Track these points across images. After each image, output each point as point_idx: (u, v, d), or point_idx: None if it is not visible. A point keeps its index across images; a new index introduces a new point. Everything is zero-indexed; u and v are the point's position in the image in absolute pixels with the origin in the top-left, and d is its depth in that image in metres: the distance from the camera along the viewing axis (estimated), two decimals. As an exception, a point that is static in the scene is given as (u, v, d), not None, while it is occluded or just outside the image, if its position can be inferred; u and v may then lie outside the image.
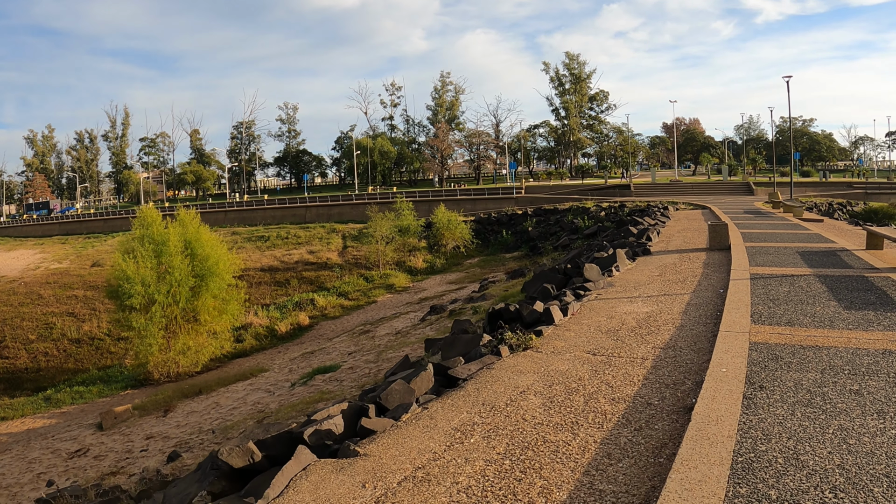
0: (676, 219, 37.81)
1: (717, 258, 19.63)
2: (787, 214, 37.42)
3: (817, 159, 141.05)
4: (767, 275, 15.25)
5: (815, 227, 28.34)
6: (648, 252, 22.00)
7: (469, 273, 50.09)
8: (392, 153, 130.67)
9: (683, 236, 27.15)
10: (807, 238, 23.54)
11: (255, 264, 66.12)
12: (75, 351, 45.26)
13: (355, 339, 30.53)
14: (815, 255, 18.71)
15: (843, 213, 53.44)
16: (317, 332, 38.41)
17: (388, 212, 62.52)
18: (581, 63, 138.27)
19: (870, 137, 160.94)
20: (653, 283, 16.01)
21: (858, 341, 9.44)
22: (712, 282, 15.55)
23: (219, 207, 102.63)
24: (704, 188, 79.04)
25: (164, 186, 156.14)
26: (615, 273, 17.91)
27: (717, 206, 47.09)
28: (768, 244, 21.62)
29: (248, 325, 40.35)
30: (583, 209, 58.01)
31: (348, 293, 47.90)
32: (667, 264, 18.99)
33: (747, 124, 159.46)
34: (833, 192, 73.12)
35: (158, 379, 31.34)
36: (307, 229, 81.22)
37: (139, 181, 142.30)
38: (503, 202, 77.66)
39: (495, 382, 9.01)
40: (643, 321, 11.98)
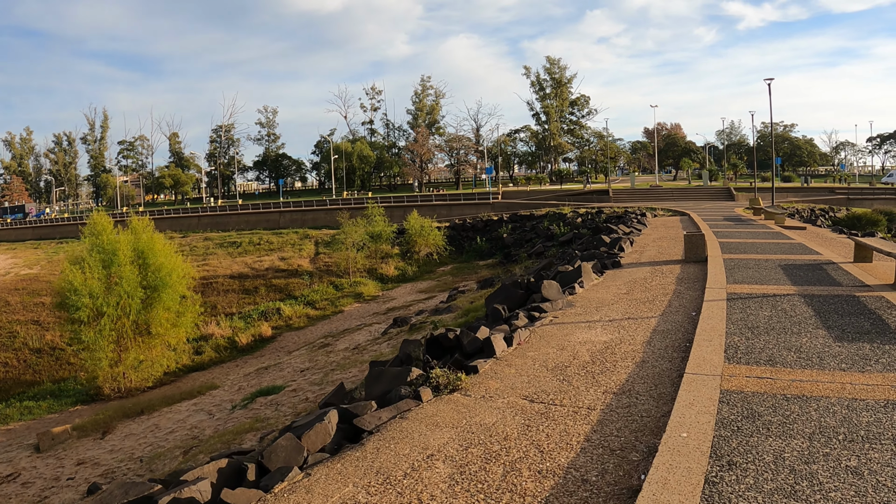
0: (653, 226, 36.12)
1: (693, 272, 17.85)
2: (769, 221, 35.81)
3: (798, 164, 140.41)
4: (746, 294, 13.46)
5: (797, 236, 26.67)
6: (619, 265, 20.22)
7: (441, 281, 48.37)
8: (371, 158, 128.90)
9: (658, 246, 25.40)
10: (789, 249, 21.81)
11: (226, 271, 64.14)
12: (35, 361, 43.21)
13: (313, 353, 28.92)
14: (800, 269, 16.95)
15: (826, 220, 51.94)
16: (279, 345, 36.68)
17: (360, 218, 60.86)
18: (562, 67, 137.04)
19: (851, 143, 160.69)
20: (618, 302, 14.20)
21: (854, 388, 7.62)
22: (685, 301, 13.75)
23: (192, 212, 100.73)
24: (685, 194, 77.54)
25: (142, 190, 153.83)
26: (578, 290, 16.10)
27: (697, 212, 45.48)
28: (748, 256, 19.87)
29: (210, 336, 38.57)
30: (559, 215, 56.27)
31: (316, 302, 46.25)
32: (637, 279, 17.19)
33: (729, 129, 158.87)
34: (815, 198, 71.78)
35: (109, 394, 29.65)
36: (280, 235, 79.50)
37: (114, 184, 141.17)
38: (479, 208, 75.93)
39: (402, 440, 7.21)
40: (599, 354, 10.15)
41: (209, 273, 62.30)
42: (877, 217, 49.83)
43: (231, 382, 27.09)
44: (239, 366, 32.51)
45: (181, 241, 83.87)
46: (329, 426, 8.17)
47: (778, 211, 37.13)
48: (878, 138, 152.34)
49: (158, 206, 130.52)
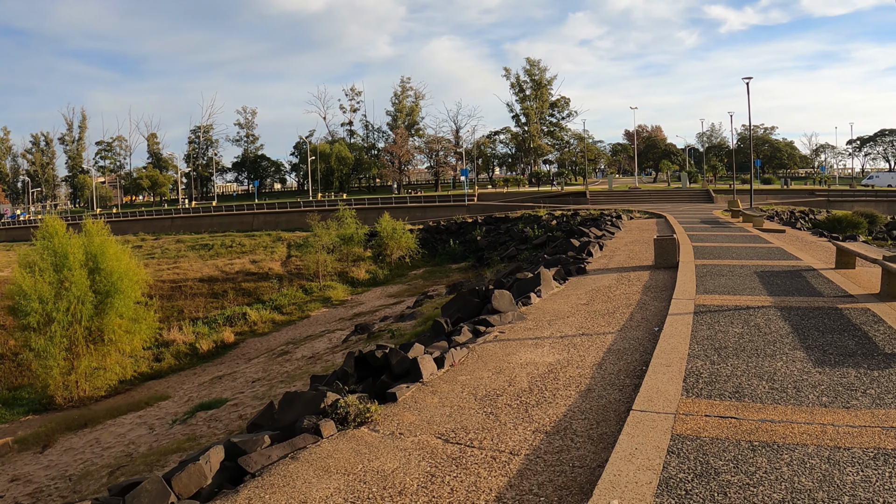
0: (627, 229, 34.77)
1: (661, 280, 16.41)
2: (747, 224, 34.53)
3: (779, 167, 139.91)
4: (717, 306, 12.00)
5: (776, 240, 25.32)
6: (584, 271, 18.77)
7: (411, 285, 47.03)
8: (349, 159, 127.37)
9: (629, 250, 23.98)
10: (767, 254, 20.41)
11: (196, 274, 62.56)
12: (-6, 368, 41.48)
13: (270, 362, 27.66)
14: (777, 276, 15.53)
15: (806, 222, 50.77)
16: (240, 352, 35.07)
17: (331, 220, 59.47)
18: (542, 69, 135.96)
19: (831, 145, 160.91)
20: (575, 315, 12.74)
21: (837, 432, 6.14)
22: (648, 314, 12.29)
23: (165, 214, 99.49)
24: (663, 196, 76.47)
25: (120, 191, 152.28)
26: (534, 300, 14.62)
27: (674, 215, 44.18)
28: (723, 262, 18.45)
29: (172, 343, 36.86)
30: (534, 218, 54.91)
31: (283, 307, 44.79)
32: (600, 288, 15.73)
33: (709, 132, 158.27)
34: (795, 200, 70.85)
35: (62, 404, 28.20)
36: (253, 237, 78.17)
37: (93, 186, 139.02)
38: (455, 210, 74.62)
39: (280, 489, 5.80)
40: (540, 379, 8.68)
41: (179, 276, 60.92)
42: (858, 219, 48.78)
43: (183, 393, 26.04)
44: (197, 374, 31.15)
45: (153, 244, 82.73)
46: (207, 467, 6.84)
47: (756, 213, 35.87)
48: (857, 141, 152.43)
49: (136, 208, 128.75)
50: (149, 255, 76.72)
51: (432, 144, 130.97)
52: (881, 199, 75.02)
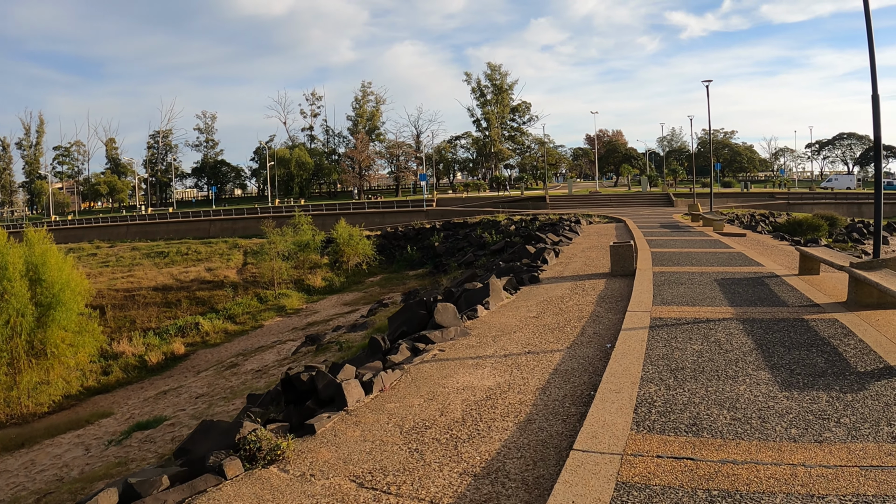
0: (586, 234, 34.03)
1: (618, 289, 15.54)
2: (707, 228, 33.95)
3: (738, 170, 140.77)
4: (675, 319, 11.12)
5: (737, 244, 24.64)
6: (537, 280, 17.85)
7: (367, 293, 46.02)
8: (309, 164, 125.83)
9: (586, 257, 23.14)
10: (728, 259, 19.66)
11: (150, 283, 60.86)
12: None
13: (217, 375, 26.73)
14: (739, 284, 14.72)
15: (767, 225, 50.49)
16: (191, 363, 33.94)
17: (286, 226, 58.36)
18: (503, 74, 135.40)
19: (790, 149, 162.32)
20: (523, 329, 11.79)
21: (808, 474, 5.23)
22: (601, 328, 11.39)
23: (121, 221, 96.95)
24: (623, 200, 76.12)
25: (78, 197, 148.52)
26: (481, 313, 13.65)
27: (634, 219, 43.59)
28: (682, 269, 17.63)
29: (121, 355, 35.65)
30: (493, 223, 54.13)
31: (237, 316, 43.58)
32: (552, 298, 14.81)
33: (670, 136, 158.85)
34: (755, 203, 70.90)
35: (4, 421, 26.85)
36: (209, 245, 76.47)
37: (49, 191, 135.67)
38: (413, 215, 73.57)
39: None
40: (476, 407, 7.70)
41: (133, 285, 59.38)
42: (818, 222, 48.52)
43: (127, 409, 25.06)
44: (144, 388, 30.07)
45: (108, 251, 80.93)
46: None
47: (717, 217, 35.32)
48: (816, 144, 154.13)
49: (94, 214, 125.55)
50: (103, 263, 74.97)
51: (393, 149, 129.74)
52: (840, 201, 75.40)
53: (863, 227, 55.02)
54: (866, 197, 77.45)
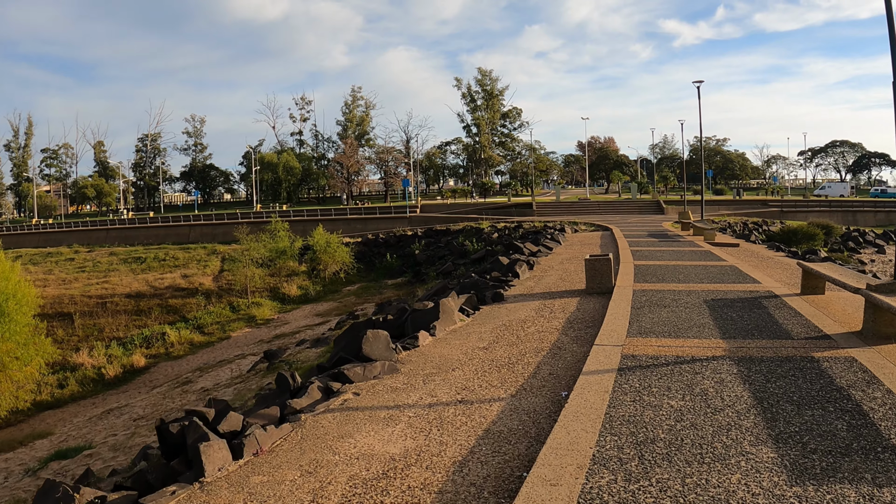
0: (568, 244, 31.83)
1: (591, 311, 13.31)
2: (698, 238, 31.77)
3: (731, 178, 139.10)
4: (651, 358, 8.83)
5: (730, 256, 22.44)
6: (501, 298, 15.60)
7: (343, 303, 44.09)
8: (297, 169, 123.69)
9: (563, 270, 20.90)
10: (720, 274, 17.40)
11: (125, 289, 58.92)
12: None
13: (167, 394, 24.95)
14: (732, 307, 12.46)
15: (760, 234, 48.34)
16: (149, 377, 32.04)
17: (263, 233, 56.32)
18: (493, 79, 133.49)
19: (782, 156, 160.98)
20: (466, 365, 9.55)
21: None
22: (560, 367, 9.15)
23: (101, 225, 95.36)
24: (612, 207, 74.07)
25: (66, 201, 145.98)
26: (424, 341, 11.42)
27: (621, 227, 41.42)
28: (667, 286, 15.38)
29: (80, 366, 33.68)
30: (476, 230, 51.96)
31: (206, 326, 41.80)
32: (513, 322, 12.58)
33: (661, 143, 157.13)
34: (748, 211, 68.89)
35: None
36: (188, 250, 74.70)
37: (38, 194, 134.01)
38: (396, 222, 71.50)
39: None
40: (363, 491, 5.48)
41: (107, 291, 57.80)
42: (813, 231, 46.66)
43: (67, 430, 23.44)
44: (95, 404, 28.23)
45: (86, 256, 79.52)
46: None
47: (708, 226, 33.12)
48: (809, 152, 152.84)
49: (80, 218, 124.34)
50: (80, 268, 73.59)
51: (383, 155, 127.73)
52: (835, 209, 73.47)
53: (858, 236, 53.04)
54: (860, 205, 75.59)
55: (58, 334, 41.22)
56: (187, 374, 28.82)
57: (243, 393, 19.54)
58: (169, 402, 23.06)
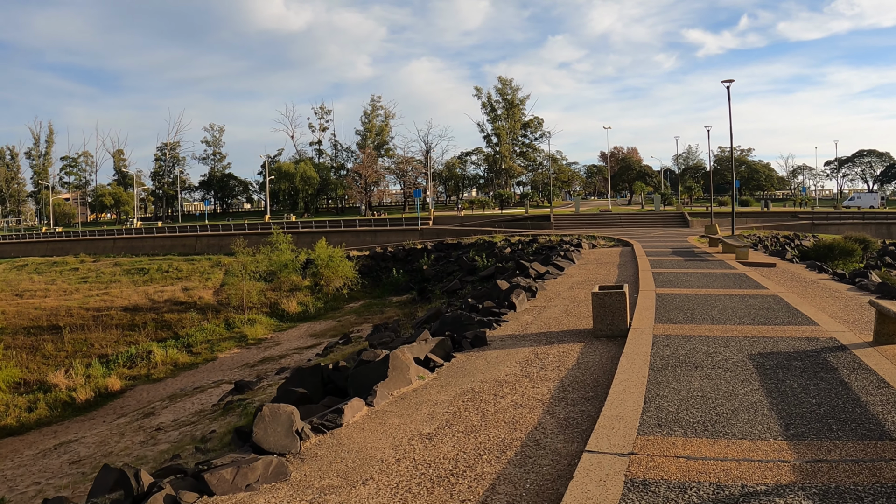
0: (583, 262, 28.40)
1: (595, 367, 9.88)
2: (728, 256, 28.24)
3: (756, 188, 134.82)
4: (677, 487, 5.38)
5: (769, 281, 18.92)
6: (483, 342, 12.18)
7: (342, 322, 41.16)
8: (315, 179, 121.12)
9: (571, 299, 17.45)
10: (763, 310, 13.87)
11: (123, 302, 56.51)
12: None
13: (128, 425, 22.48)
14: (790, 369, 8.96)
15: (793, 249, 44.47)
16: (121, 403, 29.50)
17: (263, 245, 53.48)
18: (514, 88, 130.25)
19: (808, 167, 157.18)
20: (388, 472, 6.17)
21: None
22: (530, 487, 5.73)
23: (108, 235, 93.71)
24: (635, 219, 70.41)
25: (86, 209, 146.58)
26: (352, 415, 8.09)
27: (643, 242, 37.92)
28: (698, 329, 11.90)
29: (53, 388, 31.41)
30: (489, 244, 48.63)
31: (195, 345, 38.80)
32: (485, 385, 9.20)
33: (685, 154, 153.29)
34: (777, 224, 64.91)
35: None
36: (192, 262, 72.49)
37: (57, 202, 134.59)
38: (407, 234, 68.38)
39: None
40: None
41: (105, 304, 55.45)
42: (850, 245, 42.64)
43: (8, 467, 20.86)
44: (57, 433, 25.76)
45: (91, 266, 78.01)
46: None
47: (740, 243, 29.42)
48: (836, 161, 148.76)
49: (98, 226, 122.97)
50: (83, 279, 71.94)
51: (402, 165, 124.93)
52: (868, 221, 69.14)
53: None
54: (895, 217, 71.29)
55: (46, 349, 39.55)
56: (156, 404, 26.30)
57: (183, 442, 16.64)
58: (117, 441, 20.26)
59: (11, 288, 69.46)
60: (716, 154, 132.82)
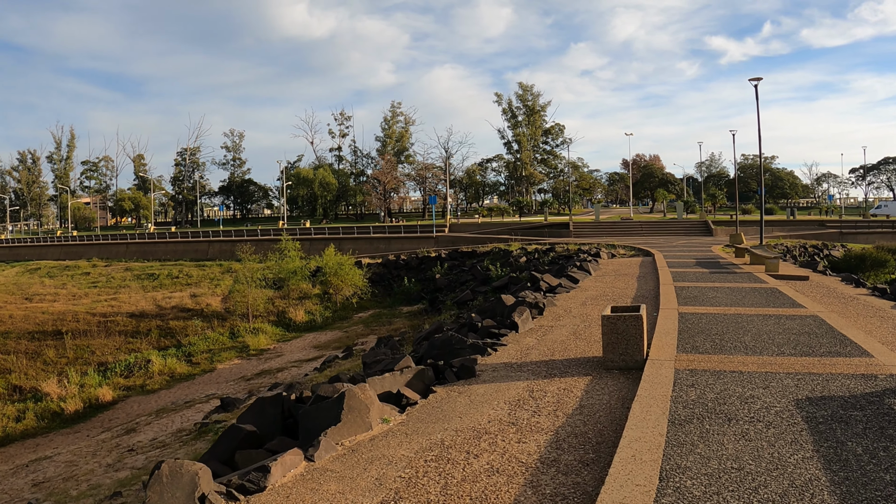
0: (600, 273, 26.41)
1: (600, 412, 7.95)
2: (757, 268, 26.18)
3: (780, 196, 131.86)
4: None
5: (806, 298, 16.88)
6: (470, 373, 10.24)
7: (348, 333, 39.41)
8: (333, 185, 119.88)
9: (582, 318, 15.49)
10: (805, 335, 11.84)
11: (130, 308, 55.48)
12: None
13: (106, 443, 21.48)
14: (849, 424, 6.95)
15: (822, 260, 42.24)
16: (110, 415, 28.18)
17: (272, 252, 52.00)
18: (535, 95, 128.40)
19: (833, 174, 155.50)
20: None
21: None
22: None
23: (121, 239, 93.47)
24: (657, 227, 68.13)
25: (106, 213, 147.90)
26: (277, 478, 6.25)
27: (665, 251, 35.87)
28: (729, 361, 9.92)
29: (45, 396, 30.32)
30: (504, 253, 46.80)
31: (195, 354, 37.19)
32: (458, 437, 7.29)
33: (709, 161, 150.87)
34: (804, 233, 62.43)
35: None
36: (203, 267, 71.55)
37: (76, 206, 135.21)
38: (421, 242, 66.58)
39: None
40: None
41: (112, 309, 54.60)
42: (883, 256, 40.52)
43: None
44: (39, 446, 24.78)
45: (102, 271, 77.62)
46: None
47: (769, 254, 27.25)
48: (861, 169, 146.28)
49: (118, 230, 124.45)
50: (93, 283, 71.42)
51: (422, 172, 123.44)
52: (898, 229, 66.29)
53: (931, 263, 46.39)
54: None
55: (48, 355, 38.66)
56: (142, 418, 25.25)
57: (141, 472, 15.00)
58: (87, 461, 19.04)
59: (22, 291, 69.13)
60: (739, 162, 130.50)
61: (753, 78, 38.08)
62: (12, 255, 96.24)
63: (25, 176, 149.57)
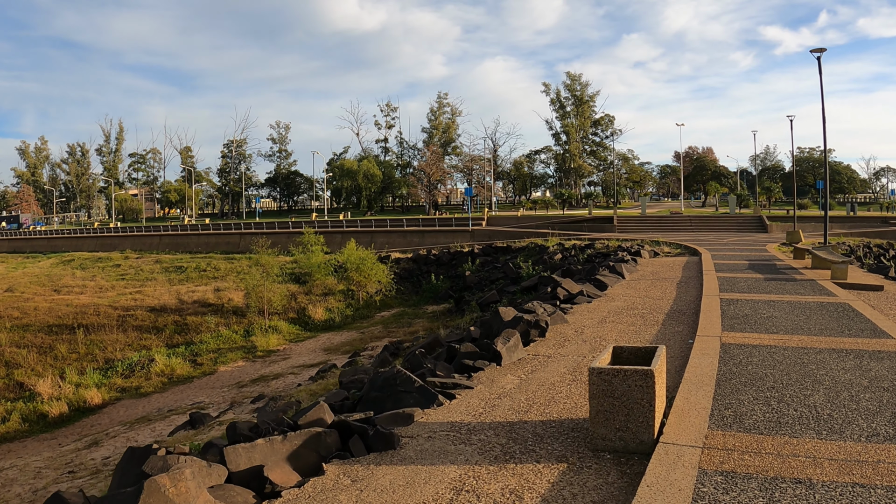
0: (638, 276, 22.77)
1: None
2: (820, 273, 22.25)
3: (837, 191, 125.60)
4: None
5: (889, 321, 13.07)
6: (389, 444, 6.75)
7: (366, 334, 36.62)
8: (378, 177, 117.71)
9: (594, 342, 11.91)
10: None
11: (152, 301, 54.27)
12: None
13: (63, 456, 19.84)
14: None
15: (892, 262, 37.66)
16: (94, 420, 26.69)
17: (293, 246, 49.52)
18: (584, 84, 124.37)
19: (892, 168, 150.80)
20: None
21: None
22: None
23: (154, 231, 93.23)
24: (707, 222, 63.88)
25: (154, 204, 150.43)
26: None
27: (714, 250, 32.06)
28: (791, 445, 6.30)
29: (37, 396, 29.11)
30: (540, 249, 43.38)
31: (201, 354, 35.54)
32: None
33: (763, 154, 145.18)
34: (865, 230, 57.49)
35: None
36: (232, 260, 70.29)
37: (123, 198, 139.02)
38: (456, 236, 63.62)
39: None
40: None
41: (135, 303, 54.05)
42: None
43: None
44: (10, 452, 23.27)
45: (133, 263, 78.12)
46: None
47: (836, 257, 22.99)
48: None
49: (165, 221, 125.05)
50: (121, 275, 71.18)
51: (469, 163, 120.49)
52: (969, 225, 60.75)
53: None
54: None
55: (60, 350, 37.72)
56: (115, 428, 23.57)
57: None
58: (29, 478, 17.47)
59: (52, 283, 69.12)
60: (795, 154, 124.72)
61: (816, 49, 35.04)
62: (50, 247, 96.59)
63: (75, 168, 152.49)
